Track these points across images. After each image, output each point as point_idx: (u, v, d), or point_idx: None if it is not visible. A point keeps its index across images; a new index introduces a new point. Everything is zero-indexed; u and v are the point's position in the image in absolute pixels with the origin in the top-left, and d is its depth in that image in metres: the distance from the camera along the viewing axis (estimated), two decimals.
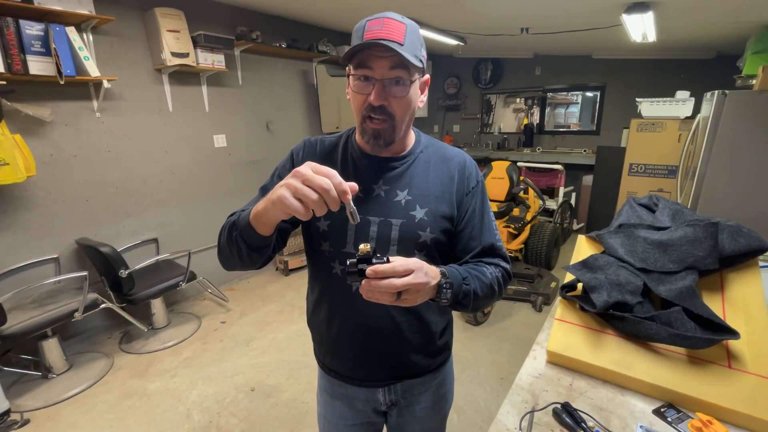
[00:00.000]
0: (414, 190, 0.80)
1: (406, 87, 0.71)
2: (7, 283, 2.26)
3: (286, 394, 2.11)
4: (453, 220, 0.81)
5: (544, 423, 0.79)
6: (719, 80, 3.13)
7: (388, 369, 0.88)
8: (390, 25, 0.68)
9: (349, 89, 0.77)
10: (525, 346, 1.82)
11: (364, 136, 0.76)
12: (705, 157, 2.24)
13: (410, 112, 0.76)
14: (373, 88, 0.70)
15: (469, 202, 0.83)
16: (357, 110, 0.75)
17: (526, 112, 5.45)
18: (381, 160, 0.81)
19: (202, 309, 3.08)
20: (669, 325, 0.86)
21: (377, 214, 0.78)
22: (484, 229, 0.84)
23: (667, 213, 1.16)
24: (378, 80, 0.70)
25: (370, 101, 0.71)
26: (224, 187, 3.34)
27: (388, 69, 0.69)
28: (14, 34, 1.99)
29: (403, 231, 0.78)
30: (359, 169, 0.81)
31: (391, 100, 0.71)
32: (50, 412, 2.01)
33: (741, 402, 0.75)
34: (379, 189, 0.80)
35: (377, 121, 0.73)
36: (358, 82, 0.72)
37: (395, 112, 0.73)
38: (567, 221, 4.39)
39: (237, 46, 3.12)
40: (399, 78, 0.70)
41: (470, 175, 0.84)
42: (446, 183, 0.82)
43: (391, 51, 0.67)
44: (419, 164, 0.82)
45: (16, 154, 2.03)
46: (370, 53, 0.68)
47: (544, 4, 2.71)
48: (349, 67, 0.74)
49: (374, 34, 0.67)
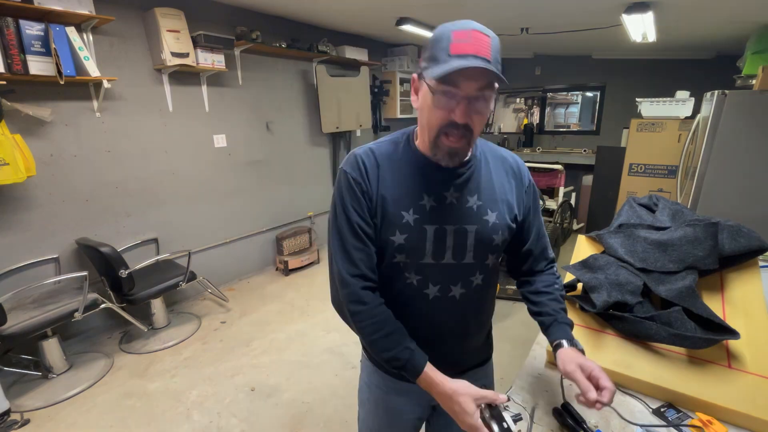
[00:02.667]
0: (483, 194, 0.80)
1: (491, 102, 0.70)
2: (7, 283, 2.26)
3: (286, 394, 2.11)
4: (516, 220, 0.84)
5: (544, 423, 0.79)
6: (719, 80, 3.13)
7: (450, 366, 0.87)
8: (478, 39, 0.64)
9: (415, 97, 0.74)
10: (525, 346, 1.81)
11: (437, 153, 0.73)
12: (705, 157, 2.24)
13: (484, 123, 0.75)
14: (457, 105, 0.66)
15: (528, 201, 0.86)
16: (433, 126, 0.71)
17: (526, 112, 5.45)
18: (449, 168, 0.78)
19: (202, 309, 3.08)
20: (669, 325, 0.86)
21: (452, 222, 0.78)
22: (533, 230, 0.89)
23: (667, 213, 1.16)
24: (464, 98, 0.66)
25: (454, 118, 0.67)
26: (224, 187, 3.34)
27: (476, 89, 0.66)
28: (14, 34, 1.99)
29: (479, 236, 0.78)
30: (429, 178, 0.78)
31: (474, 117, 0.69)
32: (50, 412, 2.01)
33: (741, 402, 0.75)
34: (450, 197, 0.78)
35: (454, 137, 0.70)
36: (441, 97, 0.67)
37: (475, 127, 0.70)
38: (567, 221, 4.39)
39: (237, 46, 3.12)
40: (487, 95, 0.67)
41: (524, 175, 0.86)
42: (507, 185, 0.83)
43: (483, 71, 0.64)
44: (482, 168, 0.82)
45: (16, 154, 2.03)
46: (461, 73, 0.64)
47: (544, 4, 2.71)
48: (427, 76, 0.68)
49: (463, 48, 0.63)
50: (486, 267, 0.83)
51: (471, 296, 0.83)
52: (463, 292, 0.82)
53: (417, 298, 0.81)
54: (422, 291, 0.80)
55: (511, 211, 0.82)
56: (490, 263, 0.83)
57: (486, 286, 0.85)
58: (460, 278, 0.81)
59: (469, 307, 0.85)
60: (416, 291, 0.81)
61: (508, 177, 0.84)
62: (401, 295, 0.82)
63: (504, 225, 0.81)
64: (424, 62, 0.70)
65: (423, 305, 0.81)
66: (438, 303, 0.81)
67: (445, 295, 0.81)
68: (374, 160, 0.78)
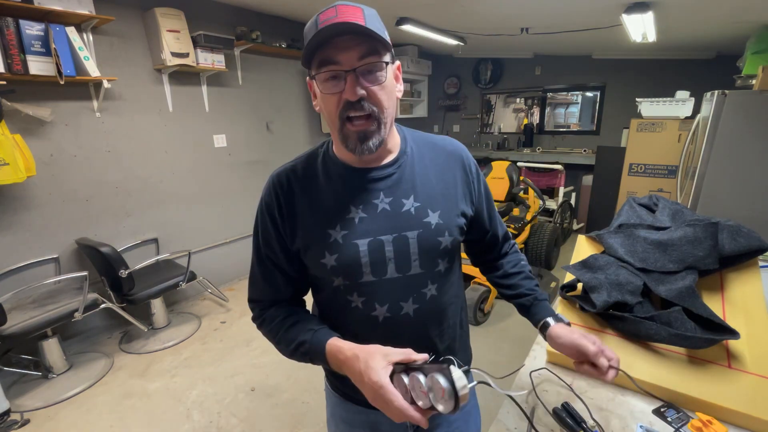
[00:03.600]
0: (420, 194, 0.71)
1: (383, 71, 0.62)
2: (7, 283, 2.26)
3: (286, 394, 2.11)
4: (466, 214, 0.76)
5: (544, 423, 0.79)
6: (719, 80, 3.13)
7: None
8: (344, 11, 0.58)
9: (316, 99, 0.67)
10: (525, 346, 1.81)
11: (348, 144, 0.65)
12: (705, 157, 2.24)
13: (393, 101, 0.66)
14: (345, 84, 0.61)
15: (476, 190, 0.79)
16: (332, 116, 0.64)
17: (526, 112, 5.45)
18: (372, 170, 0.71)
19: (202, 309, 3.08)
20: (669, 325, 0.86)
21: (388, 231, 0.69)
22: (493, 215, 0.85)
23: (667, 213, 1.16)
24: (349, 72, 0.60)
25: (346, 98, 0.61)
26: (224, 187, 3.34)
27: (357, 58, 0.60)
28: (14, 34, 1.99)
29: (422, 242, 0.70)
30: (351, 186, 0.70)
31: (370, 91, 0.62)
32: (50, 412, 2.01)
33: (741, 402, 0.75)
34: (381, 203, 0.70)
35: (359, 120, 0.63)
36: (327, 83, 0.62)
37: (377, 102, 0.63)
38: (567, 221, 4.39)
39: (237, 46, 3.12)
40: (372, 63, 0.61)
41: (469, 163, 0.79)
42: (449, 177, 0.75)
43: (357, 37, 0.59)
44: (415, 163, 0.73)
45: (16, 154, 2.03)
46: (333, 47, 0.59)
47: (544, 4, 2.71)
48: (310, 72, 0.64)
49: (330, 22, 0.57)
50: (438, 275, 0.74)
51: (428, 310, 0.74)
52: (417, 308, 0.72)
53: (366, 323, 0.72)
54: (370, 314, 0.71)
55: (456, 207, 0.74)
56: (442, 269, 0.74)
57: (443, 294, 0.76)
58: (410, 293, 0.71)
59: (430, 322, 0.75)
60: (363, 315, 0.71)
61: (449, 168, 0.75)
62: (350, 323, 0.73)
63: (451, 224, 0.72)
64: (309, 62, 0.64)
65: (374, 329, 0.72)
66: (391, 324, 0.72)
67: (396, 315, 0.71)
68: (291, 179, 0.72)
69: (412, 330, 0.73)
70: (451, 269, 0.78)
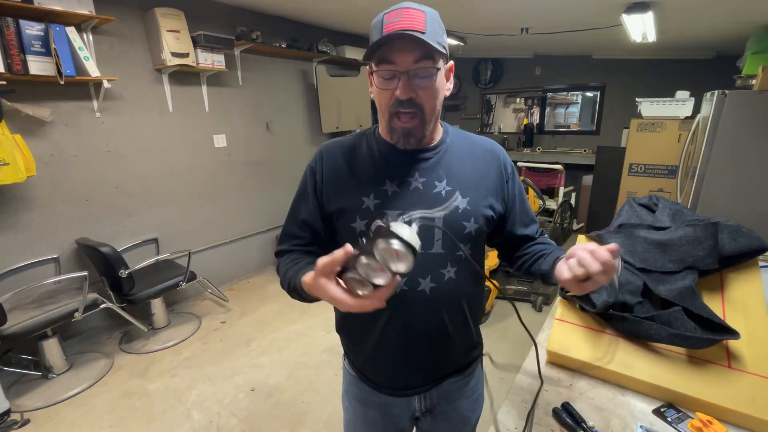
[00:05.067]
0: (453, 179, 0.76)
1: (433, 77, 0.68)
2: (7, 283, 2.26)
3: (286, 394, 2.11)
4: (495, 208, 0.79)
5: (544, 423, 0.79)
6: (719, 80, 3.13)
7: (428, 373, 0.85)
8: (409, 14, 0.64)
9: (372, 88, 0.74)
10: (525, 346, 1.82)
11: (393, 136, 0.74)
12: (705, 157, 2.24)
13: (438, 102, 0.73)
14: (398, 83, 0.67)
15: (511, 188, 0.83)
16: (383, 108, 0.72)
17: (526, 112, 5.45)
18: (412, 152, 0.77)
19: (202, 309, 3.08)
20: (669, 325, 0.86)
21: (418, 208, 0.72)
22: (527, 213, 0.87)
23: (667, 213, 1.16)
24: (403, 73, 0.67)
25: (397, 96, 0.68)
26: (224, 187, 3.34)
27: (412, 62, 0.66)
28: (14, 34, 1.99)
29: (447, 224, 0.74)
30: (391, 163, 0.77)
31: (419, 92, 0.68)
32: (50, 412, 2.01)
33: (741, 402, 0.75)
34: (415, 182, 0.76)
35: (406, 116, 0.70)
36: (382, 79, 0.69)
37: (424, 104, 0.69)
38: (567, 221, 4.39)
39: (237, 46, 3.11)
40: (425, 68, 0.67)
41: (505, 162, 0.83)
42: (483, 170, 0.80)
43: (414, 42, 0.64)
44: (453, 152, 0.79)
45: (16, 154, 2.03)
46: (391, 48, 0.66)
47: (544, 4, 2.71)
48: (371, 65, 0.71)
49: (394, 26, 0.64)
50: (459, 259, 0.77)
51: (444, 291, 0.77)
52: (433, 287, 0.76)
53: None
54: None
55: (485, 198, 0.78)
56: (462, 254, 0.76)
57: (461, 280, 0.78)
58: (429, 271, 0.75)
59: (444, 305, 0.78)
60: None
61: (485, 162, 0.80)
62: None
63: (477, 213, 0.76)
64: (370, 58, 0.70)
65: (390, 299, 0.74)
66: (406, 298, 0.76)
67: (413, 289, 0.75)
68: (338, 149, 0.81)
69: (426, 307, 0.77)
70: (473, 258, 0.79)
